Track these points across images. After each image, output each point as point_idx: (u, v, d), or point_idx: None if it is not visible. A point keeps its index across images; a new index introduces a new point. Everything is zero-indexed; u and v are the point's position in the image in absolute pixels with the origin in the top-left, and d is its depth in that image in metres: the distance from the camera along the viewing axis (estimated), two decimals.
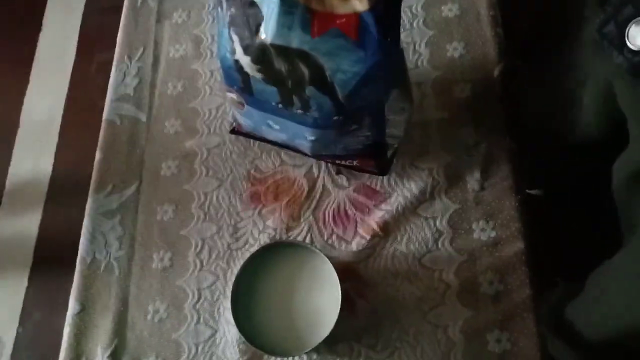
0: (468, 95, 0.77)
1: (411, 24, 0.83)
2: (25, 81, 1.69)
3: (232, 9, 0.57)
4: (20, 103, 1.67)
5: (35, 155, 1.57)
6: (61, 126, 1.60)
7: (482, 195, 0.71)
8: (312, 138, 0.67)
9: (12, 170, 1.55)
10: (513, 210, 0.70)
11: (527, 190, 0.76)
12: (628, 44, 0.49)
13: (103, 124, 0.84)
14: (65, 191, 1.50)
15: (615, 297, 0.68)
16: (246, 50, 0.58)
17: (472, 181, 0.72)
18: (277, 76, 0.59)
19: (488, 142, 0.74)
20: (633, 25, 0.48)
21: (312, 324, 0.64)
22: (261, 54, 0.58)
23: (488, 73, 0.78)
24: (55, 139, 1.58)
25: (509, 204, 0.71)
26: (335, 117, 0.62)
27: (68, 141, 1.57)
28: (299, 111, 0.63)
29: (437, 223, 0.71)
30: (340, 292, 0.63)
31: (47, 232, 1.45)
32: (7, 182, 1.52)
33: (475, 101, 0.77)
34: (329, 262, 0.64)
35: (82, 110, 1.59)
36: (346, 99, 0.59)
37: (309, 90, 0.59)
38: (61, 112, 1.62)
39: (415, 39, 0.82)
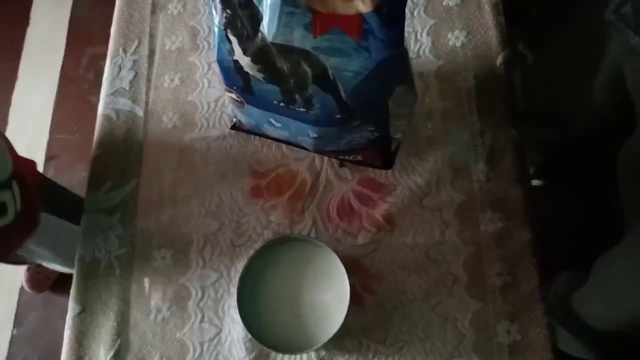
0: (471, 85, 0.76)
1: (412, 13, 0.81)
2: (14, 77, 1.65)
3: (227, 10, 0.56)
4: (9, 100, 1.63)
5: (26, 154, 1.54)
6: (52, 123, 1.57)
7: (488, 186, 0.71)
8: (315, 135, 0.65)
9: None
10: (519, 201, 0.69)
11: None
12: None
13: (99, 119, 0.82)
14: (58, 189, 1.47)
15: (621, 284, 0.67)
16: (245, 50, 0.56)
17: (477, 172, 0.71)
18: (279, 75, 0.58)
19: (493, 132, 0.73)
20: None
21: (320, 320, 0.63)
22: (261, 54, 0.56)
23: (491, 62, 0.77)
24: (46, 136, 1.55)
25: (515, 194, 0.70)
26: (338, 115, 0.60)
27: (60, 138, 1.54)
28: (302, 109, 0.61)
29: (444, 215, 0.70)
30: (348, 286, 0.61)
31: None
32: None
33: (479, 90, 0.76)
34: (336, 256, 0.63)
35: (74, 106, 1.56)
36: (349, 98, 0.57)
37: (312, 89, 0.58)
38: (51, 109, 1.59)
39: (417, 28, 0.80)
